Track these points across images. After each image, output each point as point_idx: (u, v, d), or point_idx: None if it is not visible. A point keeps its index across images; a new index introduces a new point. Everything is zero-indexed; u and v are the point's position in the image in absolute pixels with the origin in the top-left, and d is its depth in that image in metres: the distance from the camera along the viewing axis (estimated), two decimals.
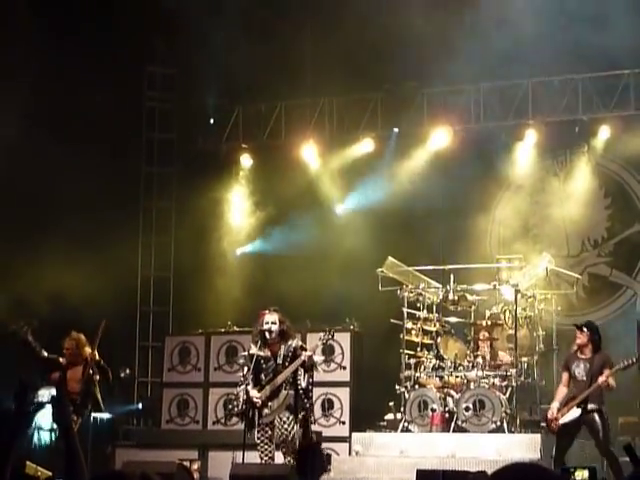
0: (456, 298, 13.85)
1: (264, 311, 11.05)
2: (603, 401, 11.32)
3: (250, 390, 10.69)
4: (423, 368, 13.75)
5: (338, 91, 16.06)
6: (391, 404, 13.88)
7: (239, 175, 17.19)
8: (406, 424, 13.28)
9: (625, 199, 15.70)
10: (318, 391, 13.72)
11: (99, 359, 11.53)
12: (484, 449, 12.44)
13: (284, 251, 15.90)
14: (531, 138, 15.63)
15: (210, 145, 17.17)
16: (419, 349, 13.90)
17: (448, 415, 13.21)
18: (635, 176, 15.68)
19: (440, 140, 15.85)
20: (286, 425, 10.61)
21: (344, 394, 14.39)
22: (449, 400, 13.35)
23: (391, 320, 14.08)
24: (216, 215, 16.89)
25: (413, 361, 13.79)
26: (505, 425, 12.82)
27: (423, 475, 9.84)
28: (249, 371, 10.74)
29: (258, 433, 10.70)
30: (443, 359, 13.70)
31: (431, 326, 14.07)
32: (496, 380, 13.38)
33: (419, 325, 14.00)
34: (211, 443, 14.35)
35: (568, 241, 15.86)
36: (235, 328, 15.18)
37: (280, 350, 10.80)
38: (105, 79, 14.34)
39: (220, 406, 14.87)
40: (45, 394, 11.16)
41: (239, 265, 16.69)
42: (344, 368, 14.45)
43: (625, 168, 15.73)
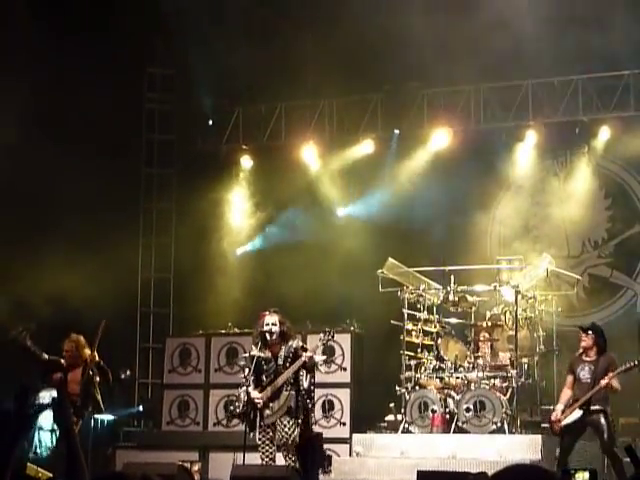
0: (456, 299, 13.84)
1: (264, 312, 11.03)
2: (608, 402, 11.29)
3: (251, 391, 10.69)
4: (423, 369, 13.76)
5: (338, 92, 16.05)
6: (392, 405, 13.88)
7: (239, 176, 17.17)
8: (407, 425, 13.28)
9: (625, 200, 15.69)
10: (319, 392, 13.73)
11: (99, 360, 11.50)
12: (485, 450, 12.44)
13: (284, 252, 15.88)
14: (531, 139, 15.62)
15: (210, 146, 17.15)
16: (419, 350, 13.90)
17: (449, 416, 13.21)
18: (635, 177, 15.67)
19: (440, 141, 15.83)
20: (287, 429, 10.60)
21: (345, 395, 14.37)
22: (449, 401, 13.34)
23: (391, 321, 14.08)
24: (216, 216, 16.88)
25: (413, 362, 13.80)
26: (506, 426, 12.81)
27: (424, 476, 9.82)
28: (250, 372, 10.74)
29: (259, 434, 10.69)
30: (443, 360, 13.69)
31: (431, 327, 14.07)
32: (497, 381, 13.38)
33: (419, 326, 13.99)
34: (212, 444, 14.36)
35: (568, 242, 15.85)
36: (235, 329, 15.17)
37: (281, 351, 10.79)
38: (105, 80, 14.33)
39: (221, 407, 14.86)
40: (46, 396, 11.16)
41: (239, 266, 16.68)
42: (344, 369, 14.44)
43: (625, 169, 15.72)
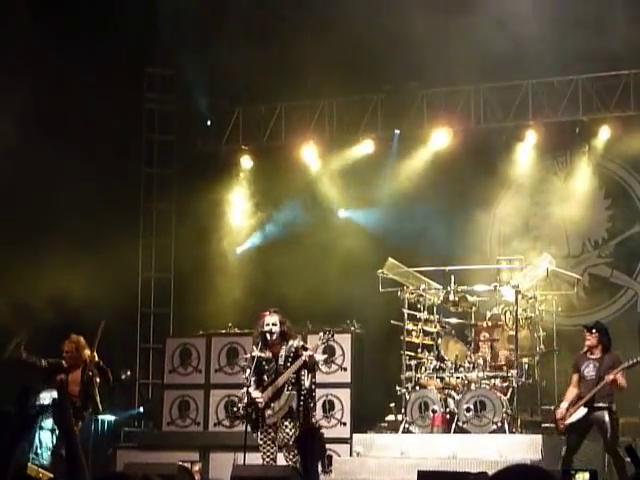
0: (456, 299, 13.84)
1: (264, 312, 11.03)
2: (613, 400, 11.29)
3: (252, 392, 10.68)
4: (424, 369, 13.76)
5: (338, 92, 16.04)
6: (392, 405, 13.88)
7: (239, 176, 17.16)
8: (407, 425, 13.28)
9: (626, 200, 15.68)
10: (319, 392, 13.70)
11: (98, 360, 11.48)
12: (485, 450, 12.44)
13: (284, 252, 15.86)
14: (531, 139, 15.62)
15: (210, 147, 17.15)
16: (420, 350, 13.90)
17: (449, 416, 13.21)
18: (636, 177, 15.66)
19: (440, 141, 15.83)
20: (288, 430, 10.60)
21: (345, 395, 14.36)
22: (450, 401, 13.35)
23: (392, 321, 14.08)
24: (216, 216, 16.88)
25: (414, 362, 13.80)
26: (506, 426, 12.82)
27: (424, 476, 9.80)
28: (251, 373, 10.73)
29: (260, 434, 10.69)
30: (444, 360, 13.70)
31: (432, 327, 14.07)
32: (497, 381, 13.38)
33: (420, 326, 14.00)
34: (212, 444, 14.36)
35: (568, 242, 15.84)
36: (236, 330, 15.16)
37: (281, 351, 10.79)
38: (105, 80, 14.33)
39: (221, 408, 14.85)
40: (46, 397, 11.16)
41: (240, 267, 16.67)
42: (345, 369, 14.43)
43: (625, 168, 15.71)
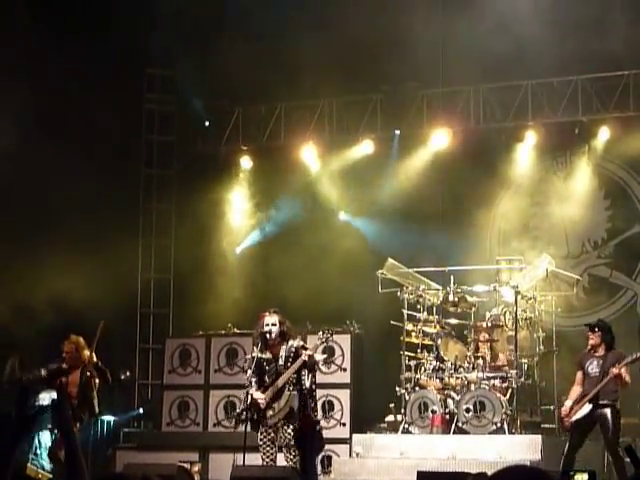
0: (456, 299, 13.84)
1: (264, 313, 11.02)
2: (617, 398, 11.29)
3: (254, 393, 10.67)
4: (423, 370, 13.75)
5: (338, 92, 16.04)
6: (391, 406, 13.88)
7: (239, 177, 17.16)
8: (406, 426, 13.28)
9: (625, 200, 15.67)
10: (319, 393, 13.69)
11: (96, 361, 11.48)
12: (485, 451, 12.43)
13: (284, 252, 15.86)
14: (531, 139, 15.61)
15: (210, 147, 17.15)
16: (419, 351, 13.90)
17: (448, 417, 13.21)
18: (635, 177, 15.66)
19: (440, 141, 15.83)
20: (289, 430, 10.60)
21: (344, 396, 14.37)
22: (449, 402, 13.34)
23: (391, 322, 14.08)
24: (216, 217, 16.88)
25: (413, 363, 13.80)
26: (506, 426, 12.81)
27: (424, 477, 9.83)
28: (251, 374, 10.73)
29: (261, 435, 10.69)
30: (443, 361, 13.69)
31: (431, 328, 14.06)
32: (496, 381, 13.37)
33: (419, 327, 13.99)
34: (212, 445, 14.37)
35: (568, 242, 15.84)
36: (235, 330, 15.17)
37: (281, 351, 10.78)
38: (104, 81, 14.33)
39: (221, 408, 14.85)
40: (46, 397, 11.15)
41: (239, 267, 16.67)
42: (344, 370, 14.44)
43: (625, 169, 15.71)
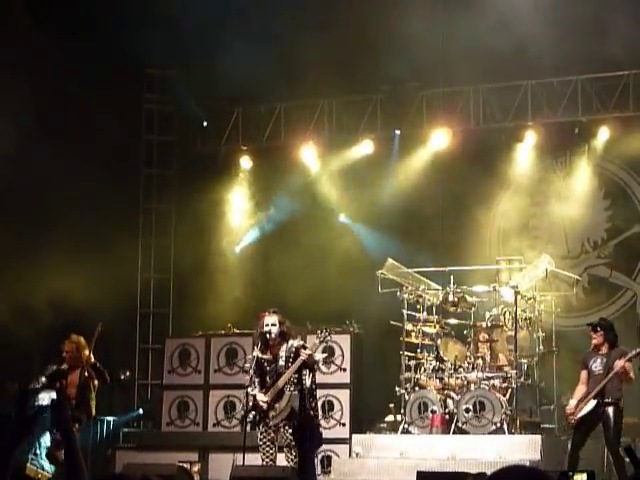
0: (456, 300, 13.83)
1: (264, 313, 11.00)
2: (621, 396, 11.30)
3: (257, 394, 10.67)
4: (423, 370, 13.75)
5: (338, 92, 16.05)
6: (391, 406, 13.88)
7: (239, 177, 17.17)
8: (406, 426, 13.28)
9: (625, 200, 15.67)
10: (318, 393, 13.69)
11: (95, 361, 11.47)
12: (484, 451, 12.44)
13: (284, 252, 15.86)
14: (531, 139, 15.62)
15: (209, 147, 17.15)
16: (419, 351, 13.90)
17: (448, 417, 13.21)
18: (635, 177, 15.66)
19: (440, 141, 15.82)
20: (291, 431, 10.59)
21: (344, 396, 14.37)
22: (449, 402, 13.35)
23: (391, 322, 14.08)
24: (216, 217, 16.88)
25: (413, 363, 13.80)
26: (505, 426, 12.81)
27: (423, 477, 9.84)
28: (252, 375, 10.72)
29: (261, 435, 10.68)
30: (443, 361, 13.69)
31: (431, 328, 14.06)
32: (496, 381, 13.37)
33: (419, 327, 13.99)
34: (211, 445, 14.37)
35: (568, 242, 15.84)
36: (235, 330, 15.17)
37: (281, 351, 10.77)
38: (104, 81, 14.33)
39: (220, 408, 14.85)
40: (45, 398, 11.14)
41: (239, 267, 16.67)
42: (344, 370, 14.44)
43: (625, 169, 15.71)
